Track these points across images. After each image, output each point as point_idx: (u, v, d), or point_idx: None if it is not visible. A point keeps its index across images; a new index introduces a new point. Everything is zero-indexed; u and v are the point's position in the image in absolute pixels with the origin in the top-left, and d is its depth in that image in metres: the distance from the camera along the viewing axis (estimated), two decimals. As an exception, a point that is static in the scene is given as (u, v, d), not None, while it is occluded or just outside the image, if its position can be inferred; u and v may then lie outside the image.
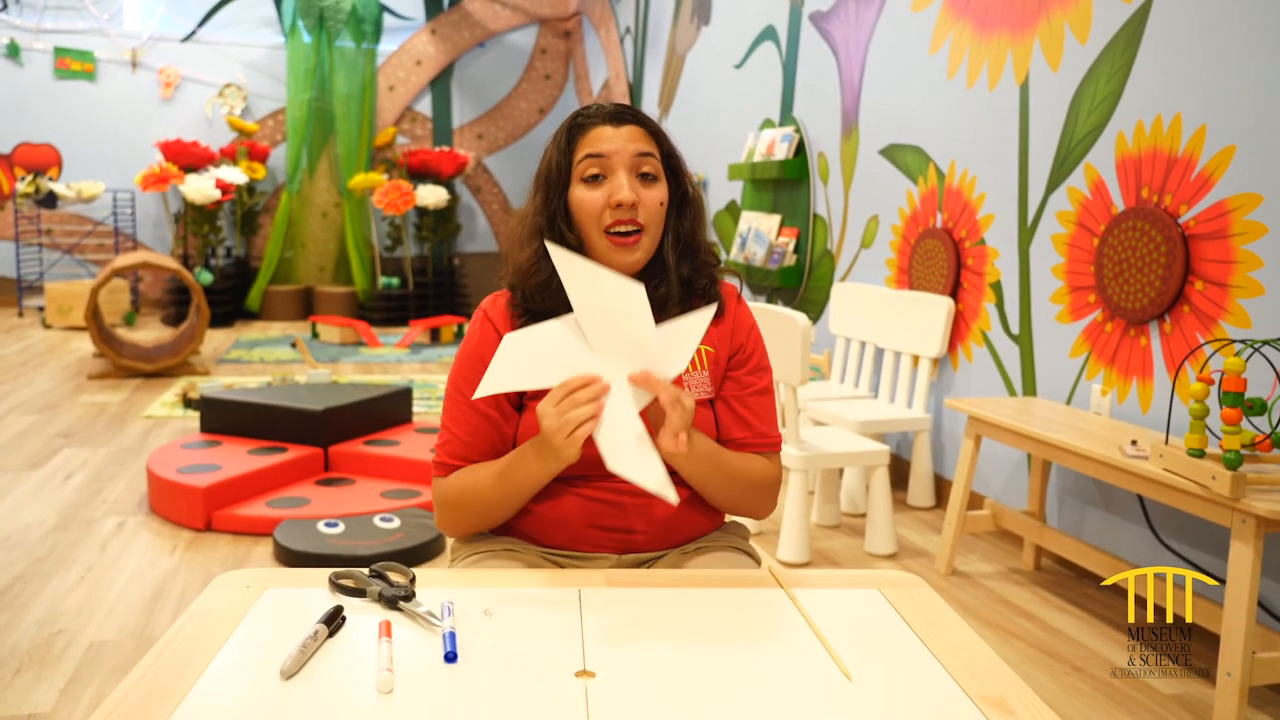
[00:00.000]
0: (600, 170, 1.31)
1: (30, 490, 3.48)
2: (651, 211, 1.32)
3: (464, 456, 1.34)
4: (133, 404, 4.88)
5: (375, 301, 8.20)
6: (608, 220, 1.30)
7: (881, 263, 4.01)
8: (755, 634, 1.06)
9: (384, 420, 3.91)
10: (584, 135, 1.34)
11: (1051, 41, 3.01)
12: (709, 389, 1.38)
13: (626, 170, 1.31)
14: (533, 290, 1.34)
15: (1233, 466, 1.95)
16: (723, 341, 1.39)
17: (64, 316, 7.29)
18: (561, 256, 1.17)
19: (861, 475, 3.48)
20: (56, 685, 2.13)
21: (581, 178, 1.32)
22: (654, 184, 1.33)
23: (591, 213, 1.31)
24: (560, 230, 1.33)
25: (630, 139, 1.32)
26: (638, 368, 1.17)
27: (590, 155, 1.32)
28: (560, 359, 1.18)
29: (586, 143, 1.33)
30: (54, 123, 8.29)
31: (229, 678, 0.94)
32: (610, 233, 1.30)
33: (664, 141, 1.37)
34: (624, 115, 1.34)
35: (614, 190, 1.30)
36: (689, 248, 1.38)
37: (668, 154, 1.37)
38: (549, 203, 1.34)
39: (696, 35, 6.06)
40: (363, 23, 8.48)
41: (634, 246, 1.31)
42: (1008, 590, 2.81)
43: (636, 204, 1.30)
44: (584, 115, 1.35)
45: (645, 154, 1.33)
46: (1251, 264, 2.33)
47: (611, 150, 1.31)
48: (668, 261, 1.36)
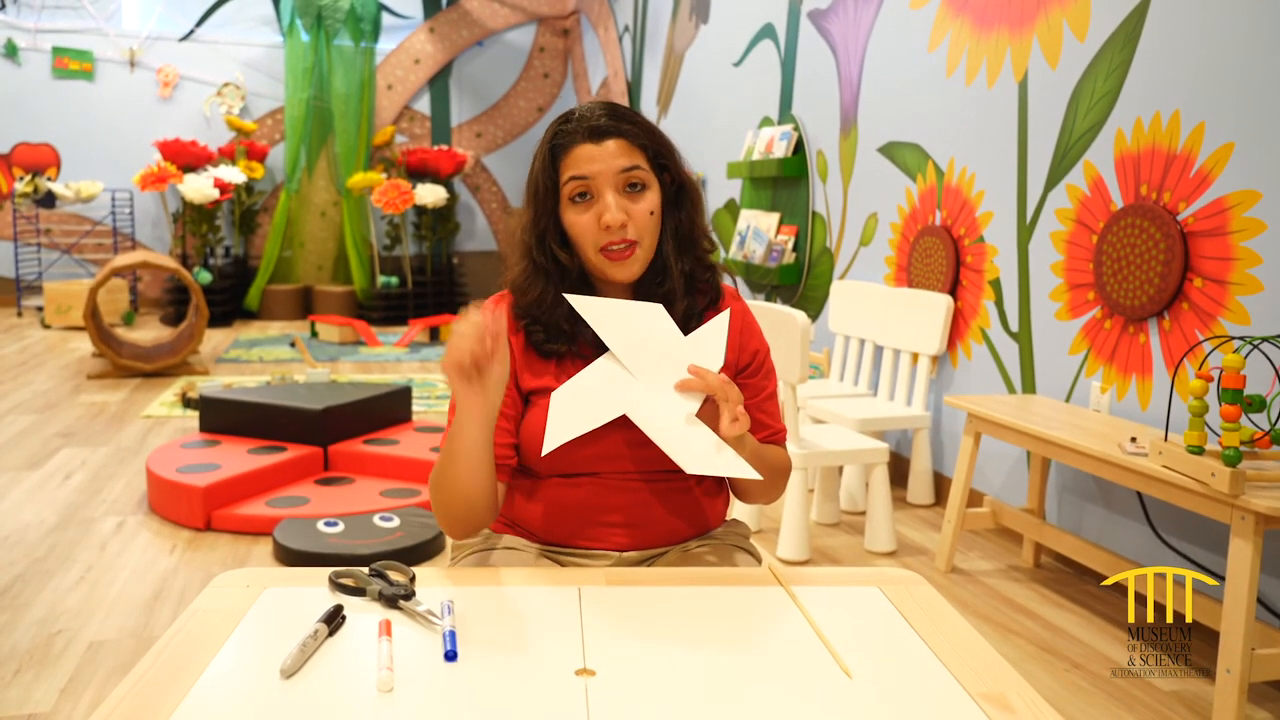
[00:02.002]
0: (587, 190, 1.31)
1: (30, 490, 3.48)
2: (642, 224, 1.32)
3: None
4: (132, 404, 4.88)
5: (374, 300, 8.20)
6: (602, 241, 1.30)
7: (880, 260, 4.01)
8: (755, 632, 1.06)
9: (383, 419, 3.90)
10: (566, 155, 1.31)
11: (1050, 39, 3.01)
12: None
13: (613, 189, 1.30)
14: (526, 306, 1.36)
15: (1232, 463, 1.95)
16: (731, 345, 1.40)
17: (63, 316, 7.28)
18: (582, 304, 1.26)
19: (861, 473, 3.48)
20: (56, 685, 2.13)
21: (569, 198, 1.32)
22: (643, 193, 1.32)
23: (586, 234, 1.31)
24: (551, 250, 1.34)
25: (613, 155, 1.30)
26: (681, 377, 1.25)
27: (575, 177, 1.31)
28: (609, 394, 1.26)
29: (570, 163, 1.31)
30: (52, 122, 8.28)
31: (229, 677, 0.94)
32: (605, 250, 1.31)
33: (650, 142, 1.34)
34: (605, 130, 1.31)
35: (601, 212, 1.30)
36: (688, 240, 1.38)
37: (656, 153, 1.34)
38: (537, 222, 1.35)
39: (695, 33, 6.06)
40: (361, 21, 8.47)
41: (629, 260, 1.31)
42: (1007, 587, 2.81)
43: (626, 223, 1.30)
44: (564, 132, 1.32)
45: (630, 168, 1.31)
46: (1250, 261, 2.33)
47: (594, 171, 1.30)
48: (668, 258, 1.36)
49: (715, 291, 1.41)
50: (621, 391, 1.25)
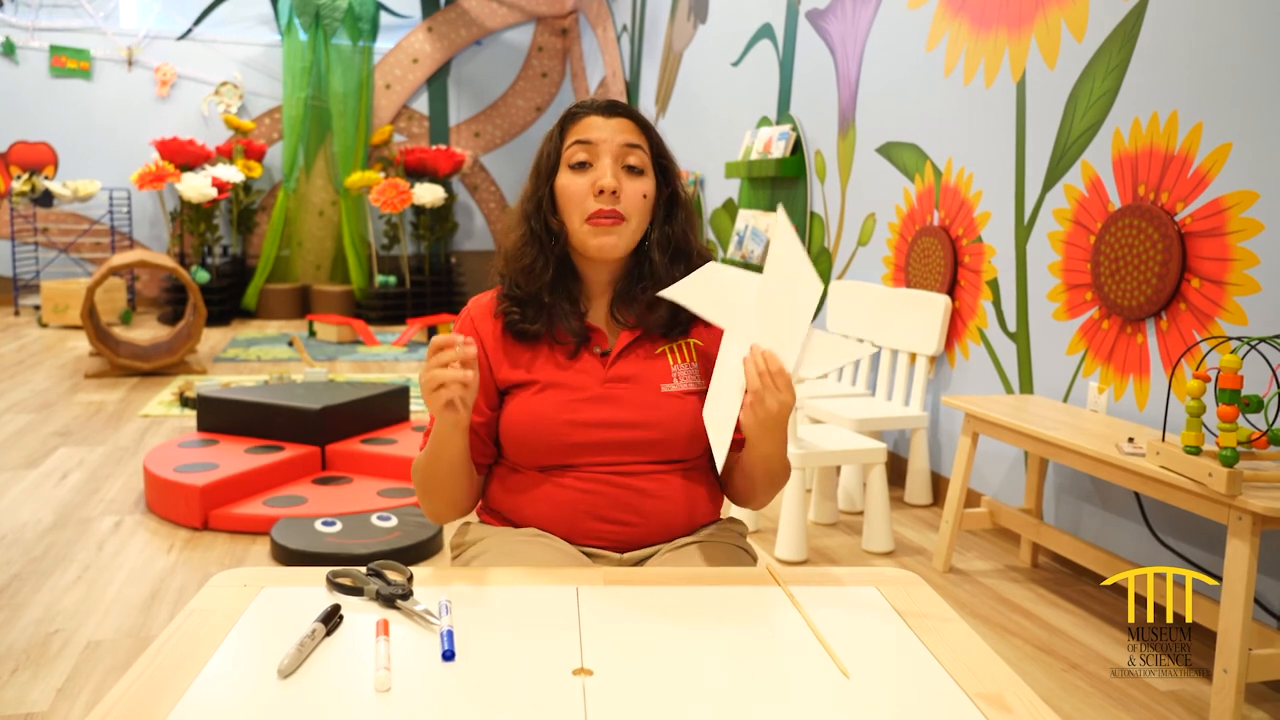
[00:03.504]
0: (587, 157, 1.34)
1: (27, 489, 3.48)
2: (634, 202, 1.33)
3: None
4: (129, 403, 4.87)
5: (372, 300, 8.19)
6: (590, 208, 1.32)
7: (878, 261, 4.01)
8: (753, 632, 1.06)
9: (381, 419, 3.90)
10: (575, 124, 1.37)
11: (1048, 39, 3.01)
12: (698, 381, 1.38)
13: (612, 159, 1.33)
14: (518, 273, 1.37)
15: (1229, 464, 1.95)
16: (713, 337, 1.40)
17: (60, 315, 7.28)
18: (786, 232, 1.16)
19: (859, 473, 3.49)
20: (53, 684, 2.12)
21: (569, 164, 1.35)
22: (639, 176, 1.35)
23: (574, 198, 1.33)
24: (544, 216, 1.36)
25: (619, 130, 1.35)
26: (770, 345, 1.18)
27: (578, 141, 1.34)
28: (729, 302, 1.21)
29: (576, 130, 1.36)
30: (50, 121, 8.26)
31: (226, 677, 0.94)
32: (592, 218, 1.32)
33: (654, 139, 1.39)
34: (616, 108, 1.37)
35: (598, 177, 1.32)
36: (680, 251, 1.39)
37: (658, 152, 1.38)
38: (537, 189, 1.38)
39: (693, 33, 6.06)
40: (359, 20, 8.47)
41: (614, 230, 1.32)
42: (1005, 588, 2.81)
43: (618, 191, 1.31)
44: (578, 106, 1.38)
45: (633, 145, 1.34)
46: (1248, 261, 2.33)
47: (599, 138, 1.34)
48: (656, 264, 1.37)
49: None
50: (736, 311, 1.21)
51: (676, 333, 1.39)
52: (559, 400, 1.33)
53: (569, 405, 1.33)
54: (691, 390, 1.37)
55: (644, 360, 1.37)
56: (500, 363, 1.37)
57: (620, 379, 1.35)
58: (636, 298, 1.38)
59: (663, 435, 1.34)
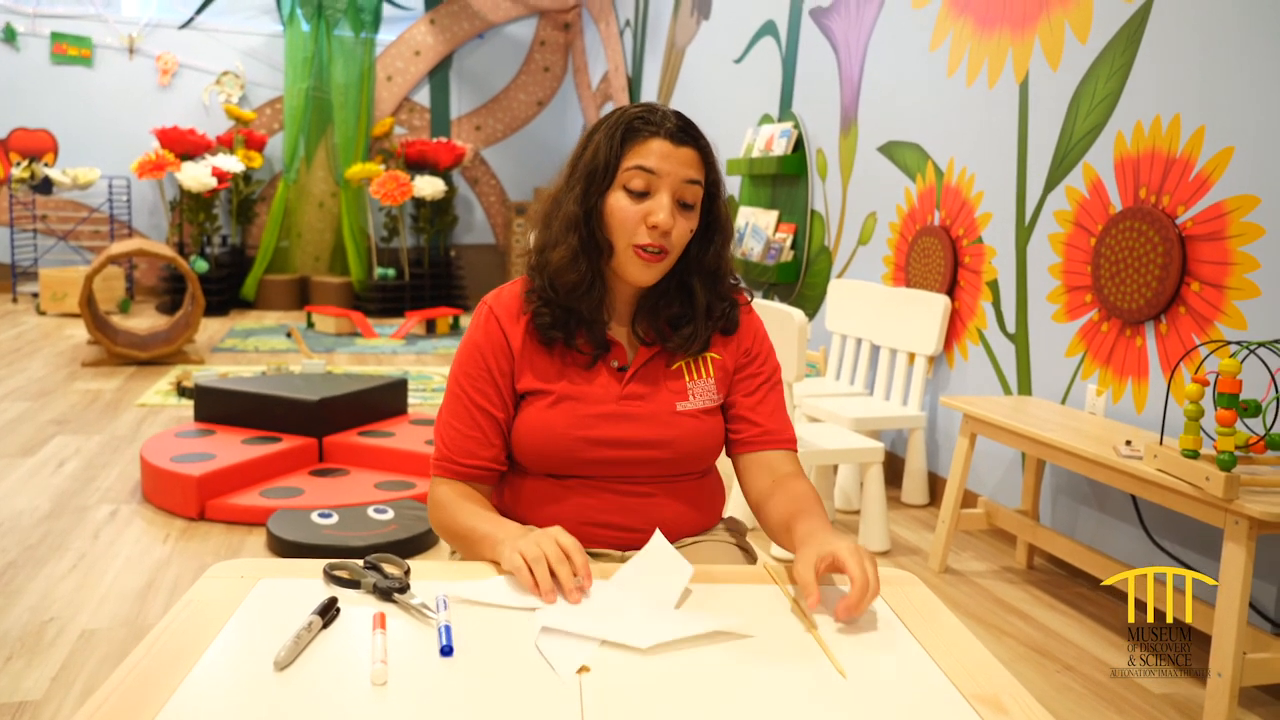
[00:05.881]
0: (646, 187, 1.29)
1: (23, 477, 3.47)
2: (679, 239, 1.31)
3: (464, 450, 1.34)
4: (126, 392, 4.87)
5: (371, 292, 8.19)
6: (640, 239, 1.28)
7: (879, 260, 4.01)
8: (751, 631, 1.06)
9: (379, 411, 3.90)
10: (640, 142, 1.29)
11: (1052, 40, 3.01)
12: (715, 397, 1.39)
13: (670, 194, 1.29)
14: (564, 287, 1.32)
15: (1227, 468, 1.95)
16: (730, 350, 1.40)
17: (58, 303, 7.27)
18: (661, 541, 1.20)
19: (856, 472, 3.49)
20: (48, 673, 2.12)
21: (625, 185, 1.29)
22: (689, 213, 1.31)
23: (626, 224, 1.29)
24: (592, 228, 1.31)
25: (685, 163, 1.29)
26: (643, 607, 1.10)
27: (640, 167, 1.28)
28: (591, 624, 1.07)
29: (640, 152, 1.29)
30: (50, 108, 8.25)
31: (222, 668, 0.94)
32: (639, 248, 1.29)
33: (713, 173, 1.34)
34: (686, 135, 1.30)
35: (653, 211, 1.28)
36: (714, 275, 1.38)
37: (713, 183, 1.34)
38: (588, 198, 1.31)
39: (696, 29, 6.05)
40: (361, 12, 8.45)
41: (657, 266, 1.30)
42: (1001, 589, 2.82)
43: (670, 231, 1.29)
44: (645, 120, 1.30)
45: (693, 181, 1.30)
46: (1248, 266, 2.33)
47: (664, 170, 1.28)
48: (691, 286, 1.36)
49: (730, 323, 1.41)
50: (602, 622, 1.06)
51: (695, 348, 1.38)
52: (573, 415, 1.32)
53: (583, 421, 1.32)
54: (706, 408, 1.37)
55: (660, 377, 1.37)
56: (523, 370, 1.35)
57: (635, 396, 1.35)
58: (660, 314, 1.37)
59: (674, 454, 1.34)
